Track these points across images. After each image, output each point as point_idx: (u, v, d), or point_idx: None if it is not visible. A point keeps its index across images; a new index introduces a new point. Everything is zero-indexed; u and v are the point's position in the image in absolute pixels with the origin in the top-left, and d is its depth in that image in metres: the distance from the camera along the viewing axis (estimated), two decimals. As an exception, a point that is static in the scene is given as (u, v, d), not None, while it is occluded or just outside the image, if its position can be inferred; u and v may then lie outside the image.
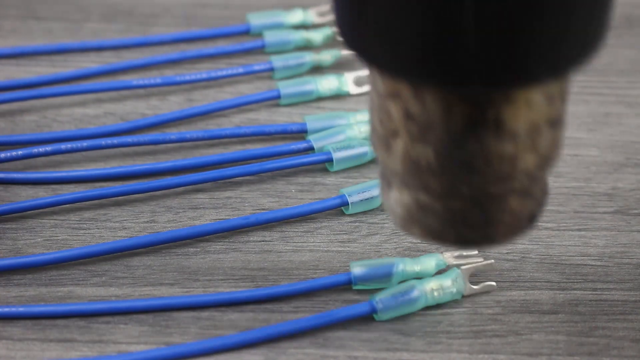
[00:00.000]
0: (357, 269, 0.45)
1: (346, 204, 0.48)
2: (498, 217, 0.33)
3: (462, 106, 0.30)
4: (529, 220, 0.34)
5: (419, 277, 0.45)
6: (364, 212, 0.49)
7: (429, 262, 0.45)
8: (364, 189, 0.49)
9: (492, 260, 0.45)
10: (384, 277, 0.45)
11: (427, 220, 0.33)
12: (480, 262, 0.45)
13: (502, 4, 0.27)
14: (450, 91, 0.30)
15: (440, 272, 0.45)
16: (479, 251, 0.46)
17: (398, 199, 0.34)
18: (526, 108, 0.30)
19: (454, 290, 0.44)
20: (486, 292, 0.45)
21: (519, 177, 0.32)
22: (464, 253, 0.45)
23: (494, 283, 0.45)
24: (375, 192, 0.49)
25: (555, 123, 0.32)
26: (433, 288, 0.44)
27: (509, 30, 0.27)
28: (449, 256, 0.45)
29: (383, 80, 0.31)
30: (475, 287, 0.45)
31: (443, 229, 0.33)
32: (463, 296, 0.45)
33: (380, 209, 0.49)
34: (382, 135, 0.32)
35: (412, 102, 0.30)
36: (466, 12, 0.27)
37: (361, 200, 0.49)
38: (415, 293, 0.44)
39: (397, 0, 0.28)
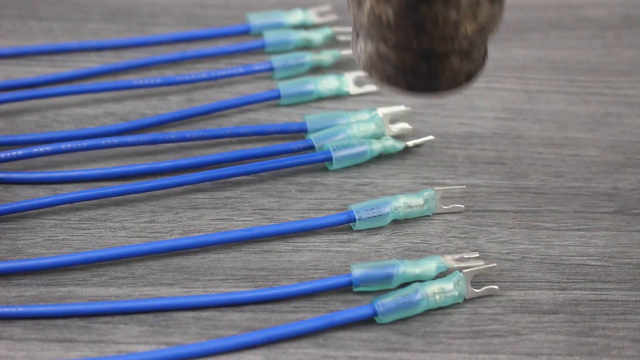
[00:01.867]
0: (358, 272, 0.45)
1: (354, 220, 0.48)
2: (441, 72, 0.40)
3: None
4: (466, 77, 0.41)
5: (420, 279, 0.45)
6: (364, 212, 0.49)
7: (430, 265, 0.45)
8: (372, 206, 0.48)
9: (494, 264, 0.45)
10: (384, 280, 0.45)
11: (384, 67, 0.41)
12: (482, 265, 0.45)
13: None
14: None
15: (442, 274, 0.45)
16: (479, 254, 0.47)
17: (363, 47, 0.41)
18: None
19: (456, 293, 0.44)
20: (488, 295, 0.45)
21: (460, 39, 0.39)
22: (465, 256, 0.45)
23: (496, 287, 0.45)
24: (385, 209, 0.48)
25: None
26: (435, 292, 0.44)
27: None
28: (450, 259, 0.45)
29: None
30: (477, 290, 0.45)
31: (396, 75, 0.41)
32: (465, 299, 0.45)
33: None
34: None
35: None
36: None
37: (369, 218, 0.48)
38: (417, 297, 0.44)
39: None
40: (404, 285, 0.45)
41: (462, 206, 0.49)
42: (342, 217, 0.48)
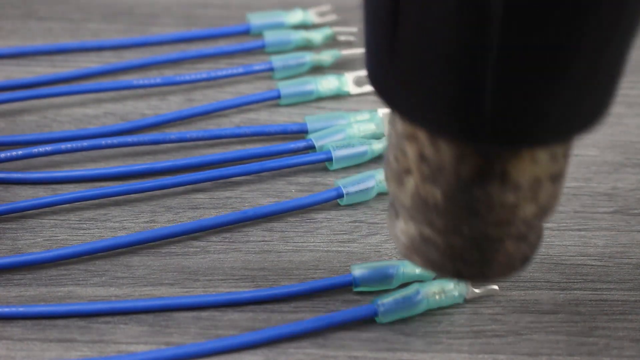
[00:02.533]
0: (358, 272, 0.45)
1: (342, 195, 0.49)
2: (493, 257, 0.36)
3: (472, 157, 0.32)
4: (522, 262, 0.36)
5: (420, 279, 0.45)
6: (364, 213, 0.49)
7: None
8: (359, 180, 0.49)
9: (494, 263, 0.45)
10: (384, 280, 0.45)
11: (428, 251, 0.36)
12: None
13: (520, 74, 0.29)
14: (464, 144, 0.32)
15: (441, 273, 0.45)
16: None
17: (404, 229, 0.36)
18: (531, 164, 0.33)
19: (456, 293, 0.44)
20: (489, 295, 0.45)
21: (517, 224, 0.34)
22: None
23: (496, 287, 0.45)
24: (370, 183, 0.49)
25: (557, 178, 0.34)
26: (435, 292, 0.44)
27: (524, 98, 0.30)
28: (450, 258, 0.45)
29: (403, 122, 0.33)
30: (477, 290, 0.45)
31: (442, 261, 0.36)
32: (465, 300, 0.45)
33: (381, 210, 0.49)
34: (396, 171, 0.35)
35: (428, 146, 0.33)
36: (486, 76, 0.29)
37: (356, 192, 0.49)
38: (417, 297, 0.44)
39: (424, 57, 0.30)
40: (404, 285, 0.45)
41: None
42: (331, 194, 0.49)
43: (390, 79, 0.32)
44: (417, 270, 0.45)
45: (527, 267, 0.36)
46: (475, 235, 0.35)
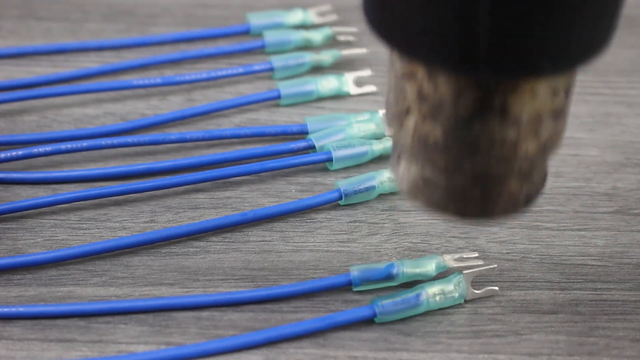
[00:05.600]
0: (357, 273, 0.45)
1: (342, 197, 0.49)
2: (496, 196, 0.35)
3: (471, 90, 0.32)
4: (525, 201, 0.36)
5: (420, 279, 0.45)
6: (364, 213, 0.49)
7: (429, 265, 0.45)
8: (360, 181, 0.49)
9: (495, 265, 0.45)
10: (384, 280, 0.45)
11: (430, 192, 0.35)
12: (483, 266, 0.45)
13: (517, 1, 0.29)
14: (462, 76, 0.32)
15: (442, 274, 0.45)
16: (479, 254, 0.47)
17: (406, 171, 0.36)
18: (531, 98, 0.32)
19: (456, 295, 0.44)
20: (489, 296, 0.45)
21: (519, 161, 0.34)
22: (465, 256, 0.45)
23: (496, 288, 0.45)
24: (371, 183, 0.49)
25: (558, 114, 0.33)
26: (435, 293, 0.44)
27: (521, 25, 0.30)
28: (449, 259, 0.45)
29: (401, 61, 0.33)
30: (477, 291, 0.45)
31: (445, 201, 0.35)
32: (465, 301, 0.45)
33: (381, 210, 0.49)
34: (396, 112, 0.34)
35: (426, 83, 0.33)
36: (483, 4, 0.29)
37: (357, 193, 0.49)
38: (417, 298, 0.44)
39: None
40: (404, 285, 0.45)
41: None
42: (332, 196, 0.49)
43: (387, 13, 0.32)
44: (417, 270, 0.45)
45: (530, 207, 0.36)
46: (477, 173, 0.34)
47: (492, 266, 0.45)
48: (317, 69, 0.58)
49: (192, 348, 0.42)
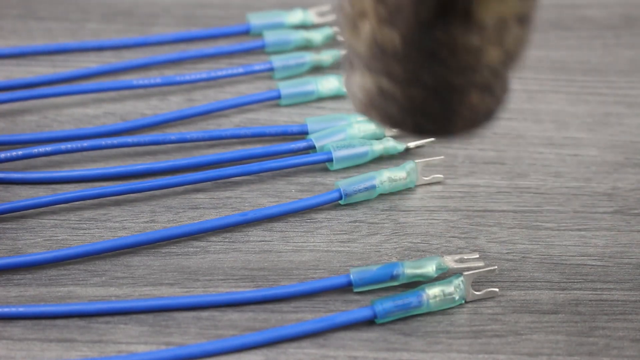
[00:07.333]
0: (358, 274, 0.45)
1: (342, 197, 0.49)
2: (457, 110, 0.33)
3: None
4: (486, 116, 0.34)
5: (420, 280, 0.45)
6: (364, 213, 0.49)
7: (430, 266, 0.45)
8: (360, 181, 0.49)
9: (495, 267, 0.45)
10: (384, 281, 0.45)
11: (386, 106, 0.33)
12: (483, 268, 0.45)
13: None
14: None
15: (442, 276, 0.45)
16: (479, 254, 0.47)
17: (360, 82, 0.34)
18: (496, 1, 0.30)
19: (457, 297, 0.44)
20: (489, 297, 0.45)
21: (482, 70, 0.32)
22: (465, 257, 0.45)
23: (496, 289, 0.45)
24: (371, 183, 0.49)
25: (524, 20, 0.32)
26: (436, 294, 0.44)
27: None
28: (450, 260, 0.45)
29: None
30: (477, 293, 0.45)
31: (402, 116, 0.33)
32: (465, 302, 0.45)
33: (381, 210, 0.49)
34: (351, 16, 0.32)
35: None
36: None
37: (357, 192, 0.49)
38: (417, 300, 0.44)
39: None
40: (404, 286, 0.45)
41: (442, 176, 0.50)
42: (332, 196, 0.49)
43: None
44: (417, 271, 0.45)
45: (491, 123, 0.34)
46: (437, 84, 0.32)
47: (492, 267, 0.45)
48: (317, 69, 0.58)
49: (192, 348, 0.42)
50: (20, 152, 0.51)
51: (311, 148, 0.52)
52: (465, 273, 0.45)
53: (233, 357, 0.43)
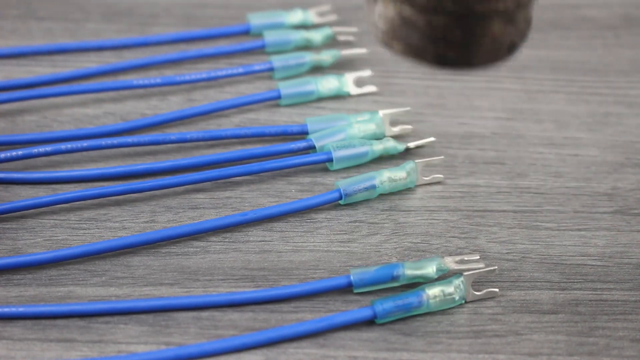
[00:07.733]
0: (358, 275, 0.45)
1: (342, 197, 0.49)
2: (479, 39, 0.33)
3: None
4: (508, 48, 0.34)
5: (420, 281, 0.45)
6: (364, 213, 0.49)
7: (430, 267, 0.45)
8: (360, 180, 0.49)
9: (495, 267, 0.45)
10: (384, 283, 0.45)
11: (408, 35, 0.34)
12: (483, 269, 0.45)
13: None
14: None
15: (442, 276, 0.45)
16: (479, 254, 0.47)
17: (382, 11, 0.34)
18: None
19: (457, 297, 0.44)
20: (489, 297, 0.45)
21: None
22: (466, 258, 0.45)
23: (496, 289, 0.45)
24: (371, 183, 0.49)
25: None
26: (436, 294, 0.44)
27: None
28: (450, 261, 0.45)
29: None
30: (478, 293, 0.45)
31: (423, 45, 0.34)
32: (465, 302, 0.45)
33: (381, 210, 0.49)
34: None
35: None
36: None
37: (357, 192, 0.49)
38: (417, 300, 0.44)
39: None
40: (404, 286, 0.45)
41: (442, 176, 0.51)
42: (332, 196, 0.49)
43: None
44: (418, 272, 0.45)
45: (511, 55, 0.34)
46: (460, 11, 0.32)
47: (492, 268, 0.45)
48: (317, 69, 0.58)
49: (192, 348, 0.42)
50: (20, 152, 0.51)
51: (311, 148, 0.52)
52: (466, 273, 0.45)
53: (233, 357, 0.43)
